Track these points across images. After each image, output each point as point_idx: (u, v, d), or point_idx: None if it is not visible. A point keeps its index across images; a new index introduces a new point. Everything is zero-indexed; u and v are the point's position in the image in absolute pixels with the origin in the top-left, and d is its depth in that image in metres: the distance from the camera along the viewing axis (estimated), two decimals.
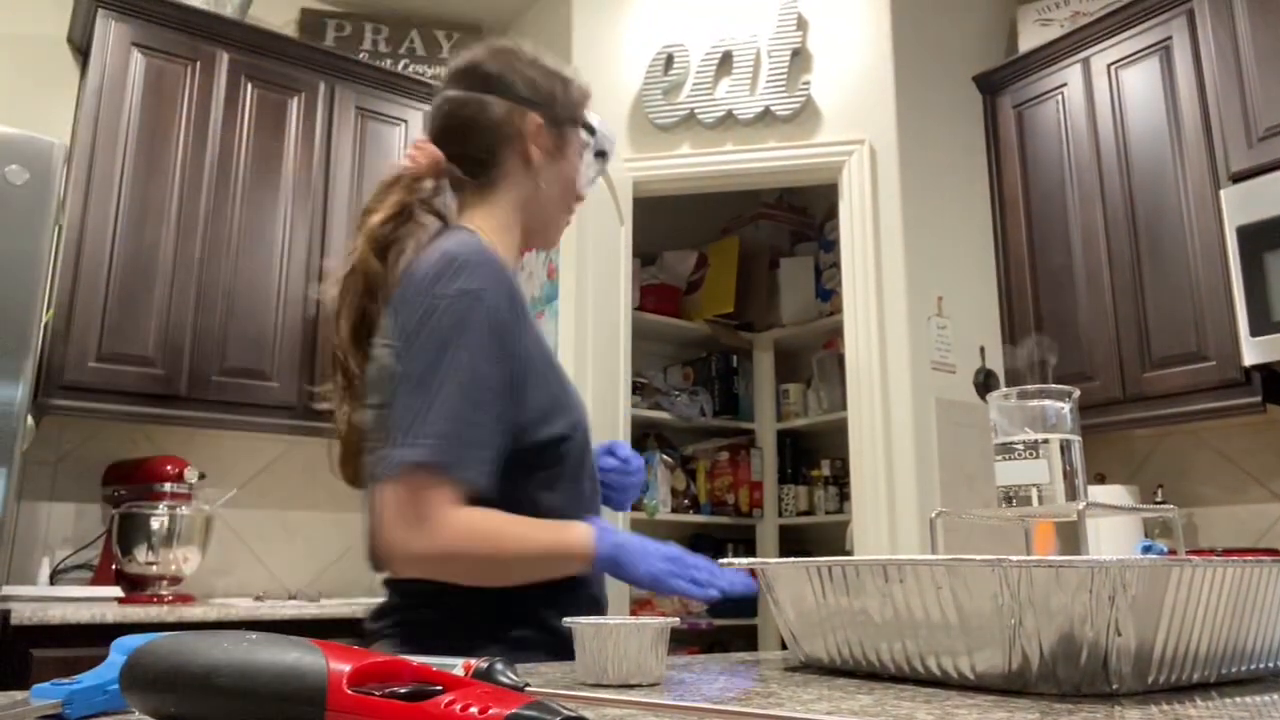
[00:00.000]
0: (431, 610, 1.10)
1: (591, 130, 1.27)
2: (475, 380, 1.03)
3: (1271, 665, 0.76)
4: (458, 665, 0.66)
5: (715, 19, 2.96)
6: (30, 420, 2.10)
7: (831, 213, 3.50)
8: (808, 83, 2.84)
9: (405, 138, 3.19)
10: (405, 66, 3.40)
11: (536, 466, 1.11)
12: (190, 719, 0.47)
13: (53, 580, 2.62)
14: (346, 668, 0.46)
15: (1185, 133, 2.57)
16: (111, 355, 2.54)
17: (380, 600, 1.16)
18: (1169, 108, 2.62)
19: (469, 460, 1.02)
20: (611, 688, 0.75)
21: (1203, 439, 2.81)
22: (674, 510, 3.69)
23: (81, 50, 2.93)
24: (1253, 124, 2.39)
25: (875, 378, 2.62)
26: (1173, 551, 2.45)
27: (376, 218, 1.13)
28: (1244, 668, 0.74)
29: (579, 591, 1.14)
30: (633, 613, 3.10)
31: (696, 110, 2.88)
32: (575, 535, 1.08)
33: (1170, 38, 2.64)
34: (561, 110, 1.23)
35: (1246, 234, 2.35)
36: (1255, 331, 2.31)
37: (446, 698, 0.46)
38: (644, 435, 3.77)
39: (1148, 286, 2.61)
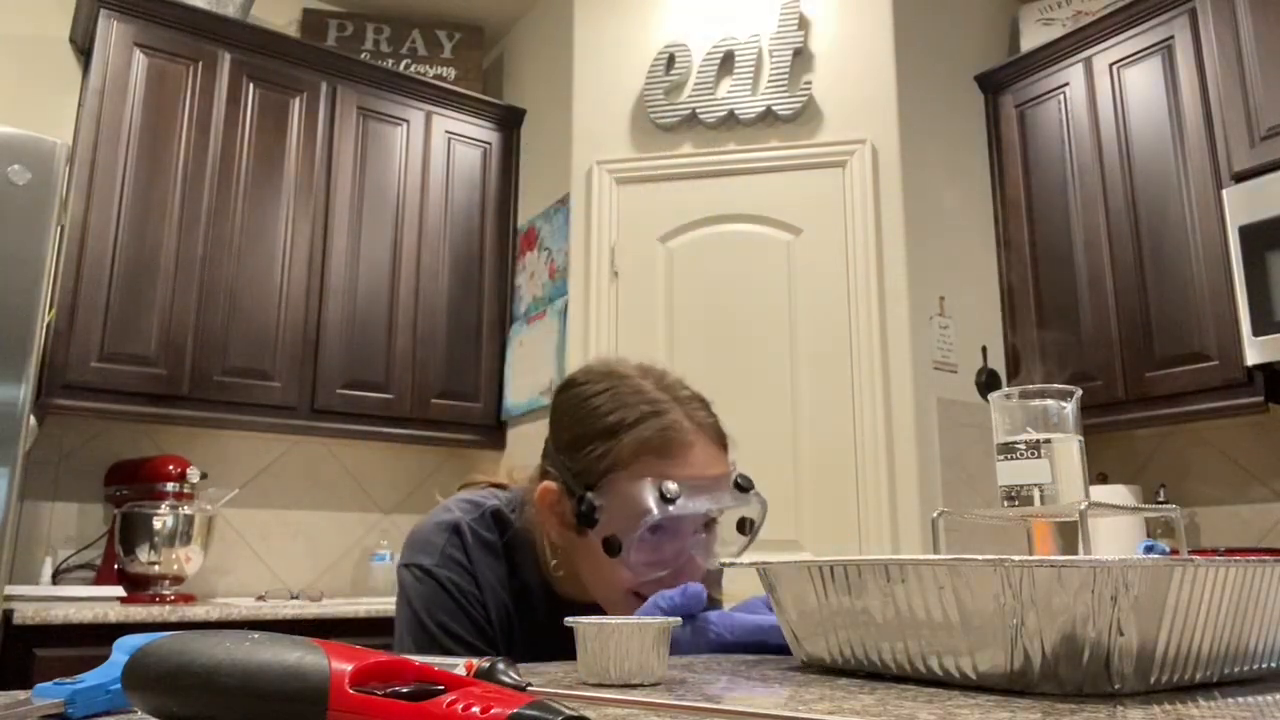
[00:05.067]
0: None
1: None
2: None
3: (1274, 665, 0.76)
4: (460, 665, 0.66)
5: (717, 19, 2.96)
6: (33, 420, 2.10)
7: None
8: (809, 82, 2.84)
9: (407, 138, 3.19)
10: (407, 66, 3.40)
11: None
12: (192, 719, 0.47)
13: (55, 580, 2.63)
14: (349, 667, 0.46)
15: (1187, 132, 2.57)
16: (113, 355, 2.54)
17: None
18: (1171, 107, 2.62)
19: None
20: (613, 687, 0.75)
21: (1205, 439, 2.80)
22: None
23: (83, 50, 2.93)
24: (1255, 123, 2.39)
25: (877, 378, 2.62)
26: (1175, 551, 2.44)
27: None
28: (1247, 667, 0.74)
29: None
30: None
31: (698, 110, 2.88)
32: None
33: (1172, 37, 2.64)
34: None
35: (1249, 233, 2.34)
36: (1258, 331, 2.30)
37: (449, 697, 0.46)
38: None
39: (1150, 286, 2.60)
